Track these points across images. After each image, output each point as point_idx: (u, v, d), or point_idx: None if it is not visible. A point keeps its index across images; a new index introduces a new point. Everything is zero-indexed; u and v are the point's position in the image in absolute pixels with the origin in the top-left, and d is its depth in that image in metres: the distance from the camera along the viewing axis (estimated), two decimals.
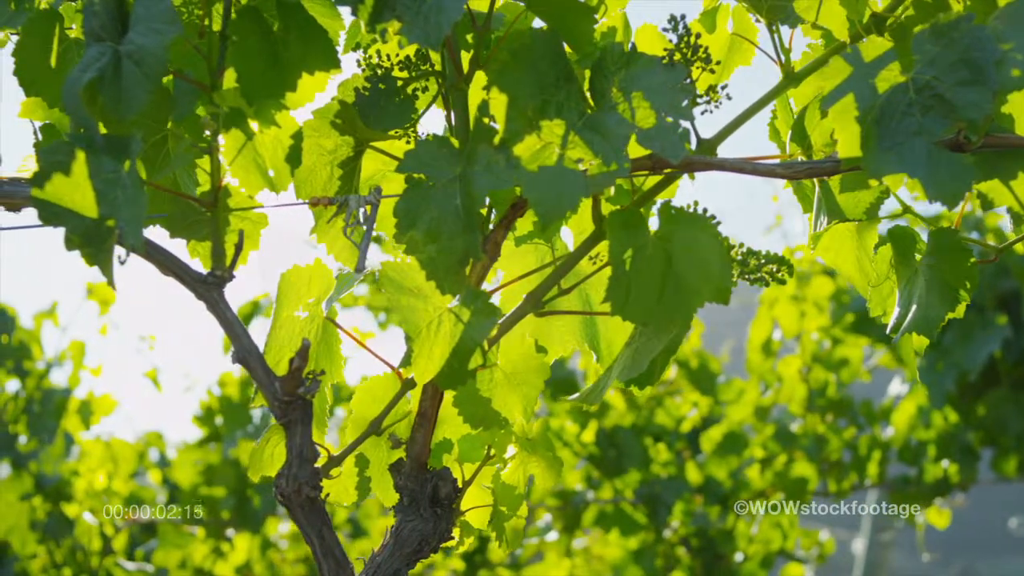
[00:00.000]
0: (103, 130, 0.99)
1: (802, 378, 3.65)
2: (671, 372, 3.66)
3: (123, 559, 3.66)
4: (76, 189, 0.95)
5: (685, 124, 0.98)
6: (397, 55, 1.12)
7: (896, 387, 4.11)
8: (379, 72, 1.10)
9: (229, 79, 1.03)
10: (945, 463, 3.73)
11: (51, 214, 0.97)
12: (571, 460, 3.69)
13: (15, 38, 1.28)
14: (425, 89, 1.14)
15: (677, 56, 1.05)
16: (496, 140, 0.99)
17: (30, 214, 1.13)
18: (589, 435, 3.60)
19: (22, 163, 1.21)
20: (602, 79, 1.03)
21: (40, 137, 1.18)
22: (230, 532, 3.67)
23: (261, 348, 1.06)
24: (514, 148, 0.99)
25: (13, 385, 3.64)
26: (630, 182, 1.12)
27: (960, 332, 3.50)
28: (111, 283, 0.96)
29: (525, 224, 1.20)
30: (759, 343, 3.76)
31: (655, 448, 3.59)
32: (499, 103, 1.00)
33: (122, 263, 0.97)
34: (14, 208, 1.11)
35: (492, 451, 1.15)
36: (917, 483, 3.76)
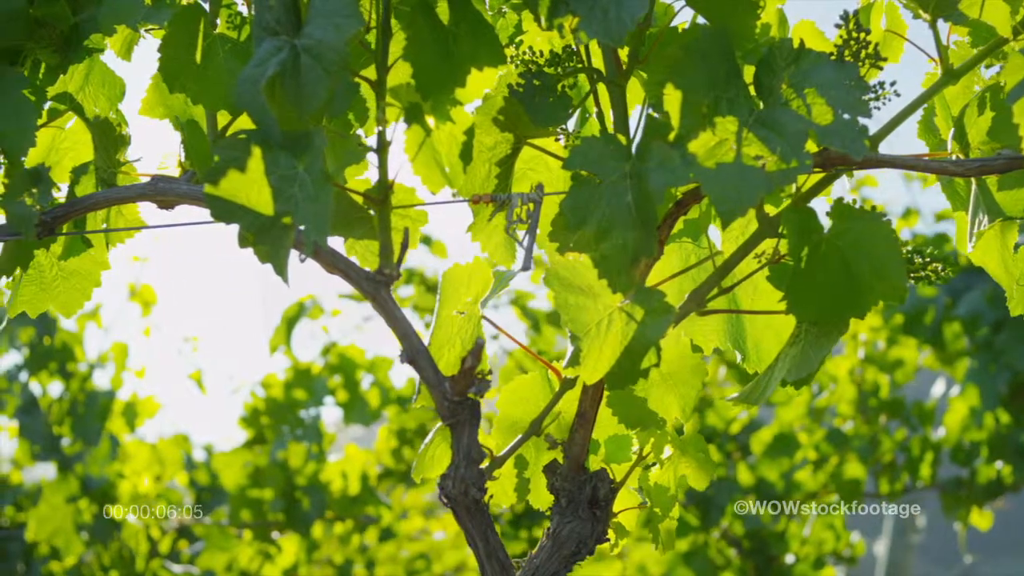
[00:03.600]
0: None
1: (853, 379, 3.63)
2: (720, 372, 3.65)
3: (169, 562, 3.64)
4: (251, 186, 0.94)
5: (863, 121, 0.97)
6: (542, 52, 1.10)
7: (940, 388, 4.10)
8: (533, 68, 1.09)
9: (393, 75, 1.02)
10: (999, 464, 3.72)
11: (224, 211, 0.95)
12: None
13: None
14: (573, 86, 1.12)
15: (847, 52, 1.03)
16: (671, 136, 0.98)
17: (181, 211, 1.12)
18: None
19: (162, 160, 1.20)
20: (770, 75, 1.02)
21: (185, 135, 1.17)
22: (275, 534, 3.65)
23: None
24: (689, 144, 0.98)
25: (57, 387, 3.63)
26: None
27: (1013, 333, 3.48)
28: (285, 280, 0.95)
29: None
30: None
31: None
32: (673, 99, 0.99)
33: (302, 262, 0.96)
34: (167, 205, 1.10)
35: (645, 451, 1.14)
36: (970, 485, 3.74)
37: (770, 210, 1.07)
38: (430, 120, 0.99)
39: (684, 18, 1.11)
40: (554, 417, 1.14)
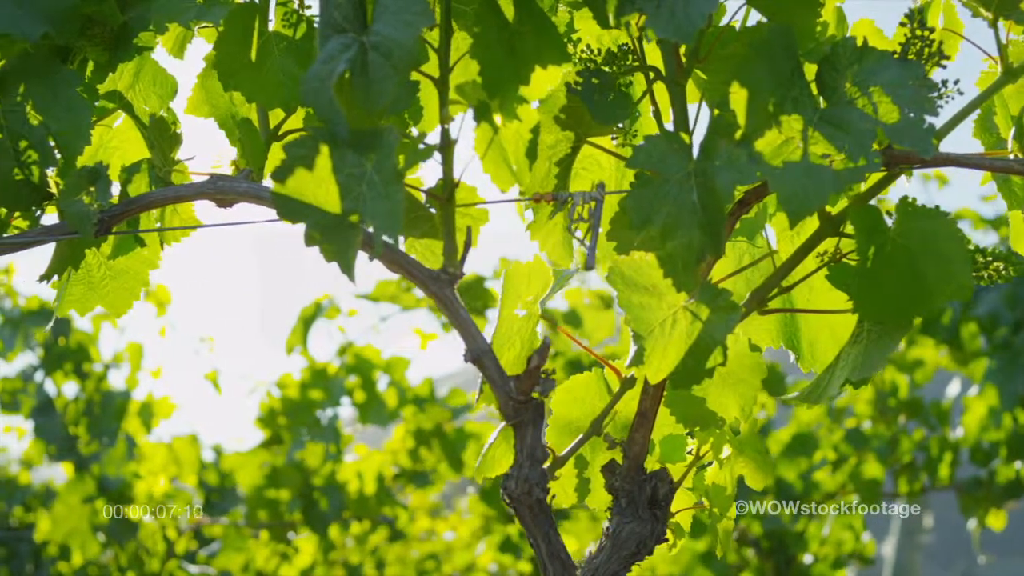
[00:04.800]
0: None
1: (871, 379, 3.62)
2: None
3: (185, 562, 3.63)
4: (319, 184, 0.93)
5: (931, 119, 0.97)
6: (599, 50, 1.10)
7: (955, 389, 4.10)
8: (591, 67, 1.08)
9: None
10: (1018, 465, 3.71)
11: (291, 210, 0.95)
12: None
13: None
14: (629, 84, 1.12)
15: (912, 51, 1.03)
16: (737, 135, 0.97)
17: (239, 210, 1.11)
18: None
19: (216, 160, 1.19)
20: (833, 73, 1.02)
21: (240, 133, 1.17)
22: (290, 535, 3.64)
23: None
24: (755, 143, 0.97)
25: (72, 388, 3.62)
26: None
27: None
28: (352, 279, 0.94)
29: None
30: None
31: None
32: (739, 97, 0.98)
33: (371, 260, 0.95)
34: (226, 204, 1.09)
35: (702, 451, 1.13)
36: (988, 485, 3.74)
37: (830, 209, 1.07)
38: (497, 118, 0.98)
39: (737, 16, 1.11)
40: (611, 417, 1.13)
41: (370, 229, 0.94)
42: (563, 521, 3.81)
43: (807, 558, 3.46)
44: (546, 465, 1.06)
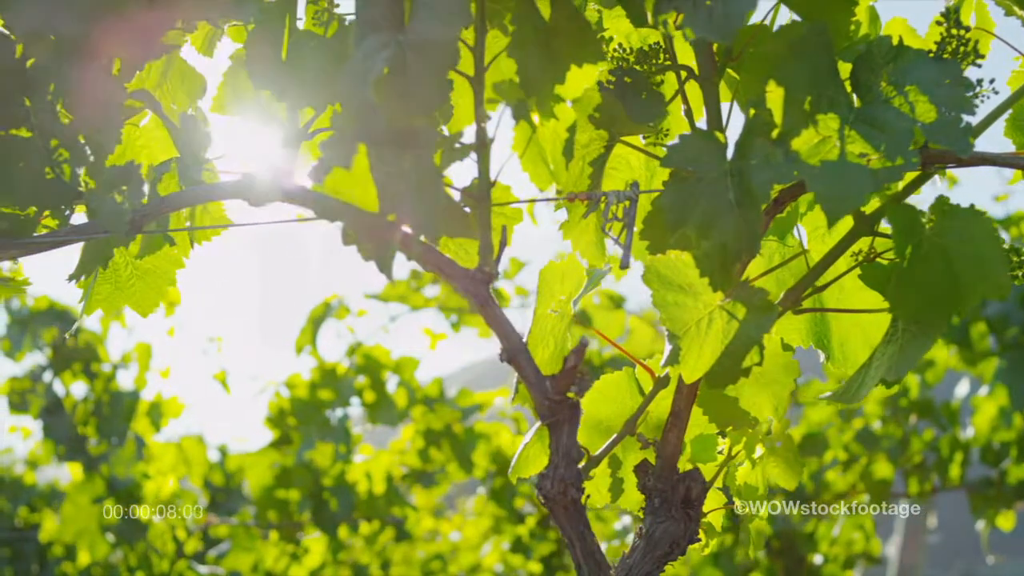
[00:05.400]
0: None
1: None
2: None
3: (195, 562, 3.63)
4: (356, 183, 0.93)
5: (968, 118, 0.97)
6: (631, 49, 1.10)
7: (964, 389, 4.10)
8: (624, 66, 1.08)
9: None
10: None
11: (328, 209, 0.95)
12: None
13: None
14: (660, 83, 1.12)
15: (948, 50, 1.03)
16: (774, 134, 0.97)
17: (272, 210, 1.11)
18: None
19: (245, 158, 1.19)
20: (868, 72, 1.02)
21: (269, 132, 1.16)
22: (298, 535, 3.64)
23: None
24: (792, 142, 0.97)
25: (80, 387, 3.61)
26: None
27: None
28: (390, 278, 0.94)
29: None
30: None
31: None
32: (776, 96, 0.98)
33: (408, 260, 0.95)
34: (259, 203, 1.08)
35: (734, 451, 1.13)
36: (999, 485, 3.74)
37: (864, 208, 1.07)
38: (534, 117, 0.98)
39: (760, 16, 1.11)
40: (643, 417, 1.13)
41: (407, 228, 0.94)
42: None
43: (817, 558, 3.46)
44: (580, 465, 1.06)
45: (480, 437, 3.91)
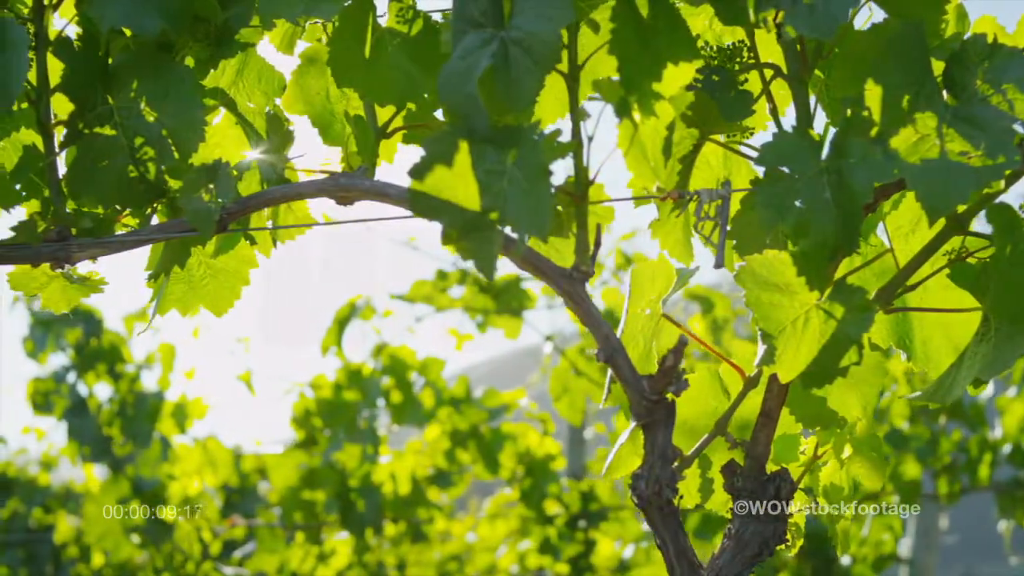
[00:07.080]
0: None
1: (907, 379, 3.62)
2: None
3: (220, 563, 3.62)
4: (457, 181, 0.93)
5: None
6: (719, 48, 1.09)
7: (989, 390, 4.09)
8: (712, 64, 1.08)
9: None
10: None
11: (428, 207, 0.94)
12: None
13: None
14: (744, 81, 1.11)
15: None
16: (873, 132, 0.97)
17: (361, 208, 1.10)
18: None
19: (325, 158, 1.18)
20: (963, 71, 1.01)
21: (354, 130, 1.16)
22: (322, 537, 3.63)
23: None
24: (890, 140, 0.96)
25: (104, 388, 3.60)
26: None
27: None
28: (490, 278, 0.93)
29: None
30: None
31: None
32: (874, 95, 0.98)
33: (511, 260, 0.95)
34: (347, 201, 1.08)
35: (820, 451, 1.13)
36: None
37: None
38: (636, 115, 0.97)
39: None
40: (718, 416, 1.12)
41: (508, 228, 0.93)
42: (601, 523, 3.79)
43: (845, 559, 3.45)
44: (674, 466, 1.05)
45: (507, 438, 3.90)
